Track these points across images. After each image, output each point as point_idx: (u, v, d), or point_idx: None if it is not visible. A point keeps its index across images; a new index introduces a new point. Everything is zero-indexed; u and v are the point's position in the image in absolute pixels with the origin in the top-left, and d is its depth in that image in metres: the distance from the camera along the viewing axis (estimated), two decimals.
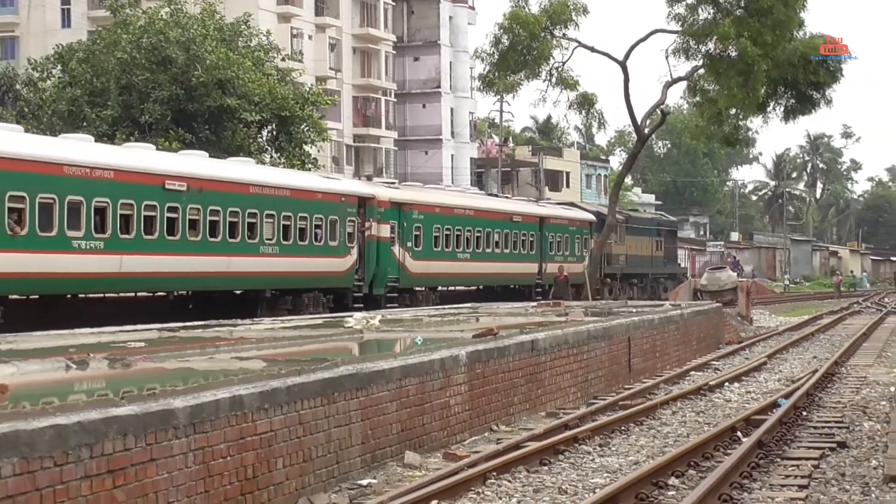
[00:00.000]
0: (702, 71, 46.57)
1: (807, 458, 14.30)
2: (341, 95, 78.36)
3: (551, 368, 19.41)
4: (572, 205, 61.50)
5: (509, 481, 12.90)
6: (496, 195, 62.70)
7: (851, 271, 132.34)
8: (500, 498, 12.15)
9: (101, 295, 30.12)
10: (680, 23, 45.27)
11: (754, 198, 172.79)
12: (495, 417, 17.02)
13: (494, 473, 12.97)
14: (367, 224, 38.29)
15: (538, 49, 44.67)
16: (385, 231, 39.17)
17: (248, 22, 51.80)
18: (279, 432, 11.53)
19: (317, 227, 35.76)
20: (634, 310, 30.98)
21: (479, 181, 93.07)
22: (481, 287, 46.97)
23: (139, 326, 22.00)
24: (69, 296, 28.77)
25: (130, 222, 28.84)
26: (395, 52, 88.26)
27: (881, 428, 16.78)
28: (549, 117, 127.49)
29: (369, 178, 52.99)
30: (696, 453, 14.24)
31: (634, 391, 21.68)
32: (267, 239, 33.57)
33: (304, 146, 51.03)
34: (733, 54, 44.14)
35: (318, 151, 57.87)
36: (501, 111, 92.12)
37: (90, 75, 47.18)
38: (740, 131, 49.76)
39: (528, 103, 74.06)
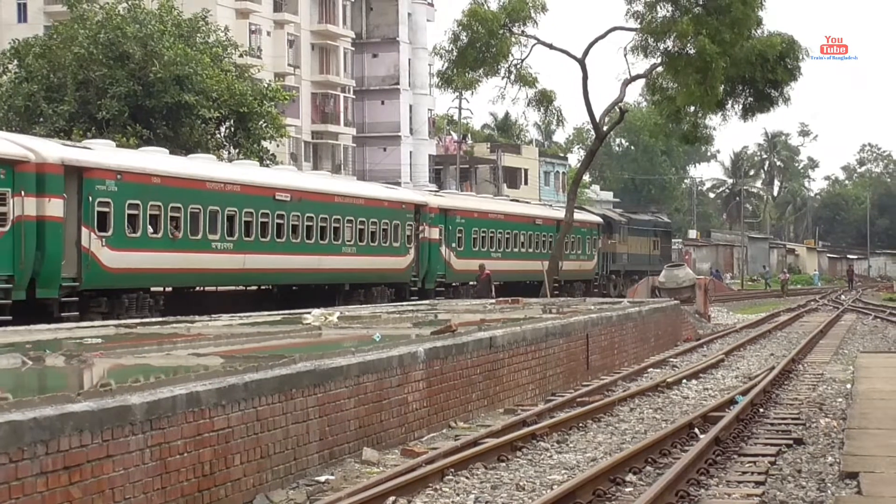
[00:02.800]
0: (660, 69, 46.73)
1: (763, 455, 14.38)
2: (300, 92, 78.12)
3: (509, 365, 19.44)
4: (581, 208, 65.88)
5: (467, 478, 12.91)
6: (519, 200, 66.72)
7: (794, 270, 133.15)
8: (458, 494, 12.16)
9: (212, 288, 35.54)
10: (639, 20, 45.41)
11: (712, 195, 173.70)
12: (453, 414, 17.03)
13: (452, 470, 12.98)
14: (421, 228, 44.68)
15: (497, 46, 44.72)
16: (435, 234, 45.80)
17: (206, 18, 51.57)
18: (236, 429, 11.51)
19: (384, 230, 42.08)
20: (593, 307, 31.07)
21: (437, 178, 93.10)
22: (505, 283, 50.67)
23: (95, 323, 21.92)
24: (200, 288, 34.77)
25: (251, 227, 34.79)
26: (353, 48, 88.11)
27: (837, 424, 16.89)
28: (508, 114, 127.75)
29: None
30: (653, 450, 14.29)
31: (592, 388, 21.74)
32: (347, 241, 39.77)
33: (263, 142, 50.87)
34: (692, 52, 44.32)
35: (277, 147, 57.73)
36: (460, 108, 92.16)
37: (47, 71, 46.82)
38: (698, 129, 49.96)
39: (487, 100, 74.89)
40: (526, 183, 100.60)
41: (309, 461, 12.89)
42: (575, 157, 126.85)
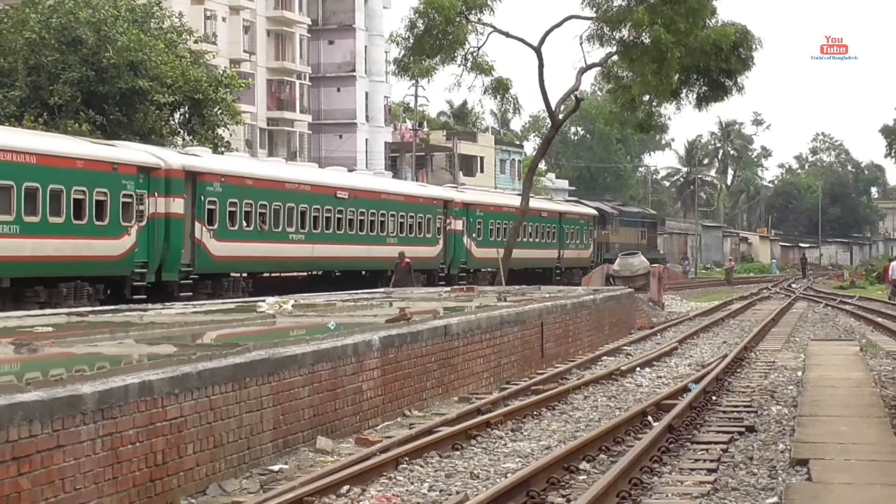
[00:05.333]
0: (616, 57, 46.73)
1: (716, 443, 14.47)
2: (255, 78, 77.74)
3: (464, 353, 19.45)
4: (578, 202, 75.24)
5: (421, 466, 12.90)
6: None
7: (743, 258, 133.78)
8: (412, 483, 12.15)
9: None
10: (594, 9, 45.36)
11: (667, 184, 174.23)
12: (408, 402, 17.02)
13: (407, 458, 12.97)
14: (448, 221, 51.17)
15: (453, 34, 44.55)
16: (459, 226, 52.23)
17: (161, 3, 51.18)
18: (189, 418, 11.45)
19: (419, 223, 48.68)
20: (547, 295, 31.13)
21: (393, 166, 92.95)
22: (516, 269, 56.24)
23: (47, 311, 21.73)
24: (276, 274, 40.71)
25: (318, 221, 40.96)
26: (309, 35, 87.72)
27: (788, 412, 17.02)
28: (465, 102, 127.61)
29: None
30: (607, 438, 14.34)
31: (547, 376, 21.80)
32: (391, 233, 46.15)
33: (218, 129, 50.56)
34: (647, 41, 44.31)
35: (232, 135, 57.41)
36: (416, 95, 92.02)
37: None
38: (653, 118, 50.00)
39: (444, 88, 75.02)
40: (482, 171, 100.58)
41: (263, 450, 12.85)
42: (531, 146, 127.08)
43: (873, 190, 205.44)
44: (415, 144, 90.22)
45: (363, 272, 44.64)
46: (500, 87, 47.37)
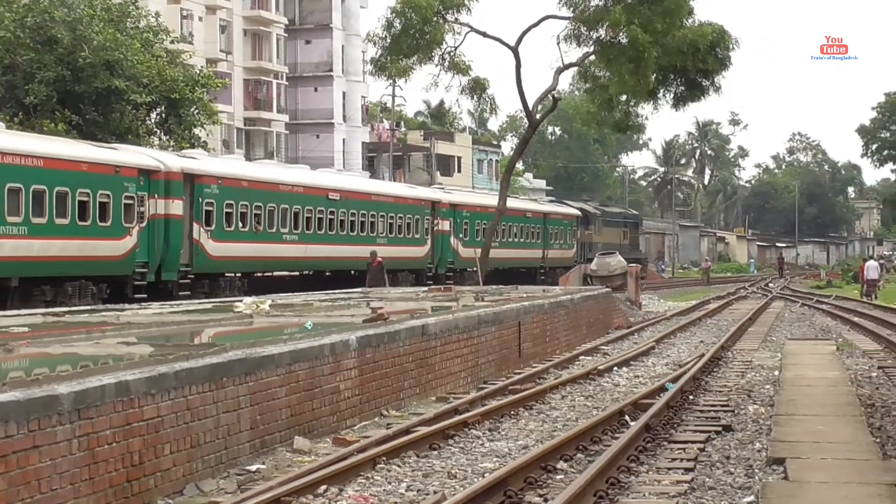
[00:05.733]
0: (593, 57, 46.81)
1: (693, 442, 14.51)
2: (232, 78, 77.60)
3: (442, 353, 19.46)
4: (562, 202, 76.62)
5: (399, 466, 12.91)
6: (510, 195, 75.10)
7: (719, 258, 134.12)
8: (390, 483, 12.16)
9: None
10: (571, 9, 45.42)
11: (644, 184, 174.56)
12: (385, 402, 17.02)
13: (384, 458, 12.97)
14: (436, 221, 52.25)
15: (431, 33, 44.56)
16: (446, 226, 53.43)
17: (137, 3, 51.03)
18: (166, 418, 11.43)
19: (408, 224, 49.86)
20: (525, 294, 31.16)
21: (370, 165, 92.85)
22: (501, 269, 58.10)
23: (22, 311, 21.65)
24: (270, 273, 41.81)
25: (311, 222, 42.19)
26: (286, 34, 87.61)
27: (765, 411, 17.08)
28: (442, 102, 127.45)
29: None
30: (584, 437, 14.37)
31: (524, 376, 21.82)
32: (381, 233, 47.33)
33: (194, 129, 50.44)
34: (624, 41, 44.40)
35: (209, 135, 57.28)
36: (394, 95, 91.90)
37: None
38: (631, 118, 50.11)
39: (421, 88, 74.89)
40: (459, 171, 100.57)
41: (240, 450, 12.84)
42: (508, 145, 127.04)
43: (850, 190, 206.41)
44: (392, 144, 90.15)
45: (352, 272, 44.75)
46: (477, 87, 47.39)
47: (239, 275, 38.72)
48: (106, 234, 32.28)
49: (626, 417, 16.14)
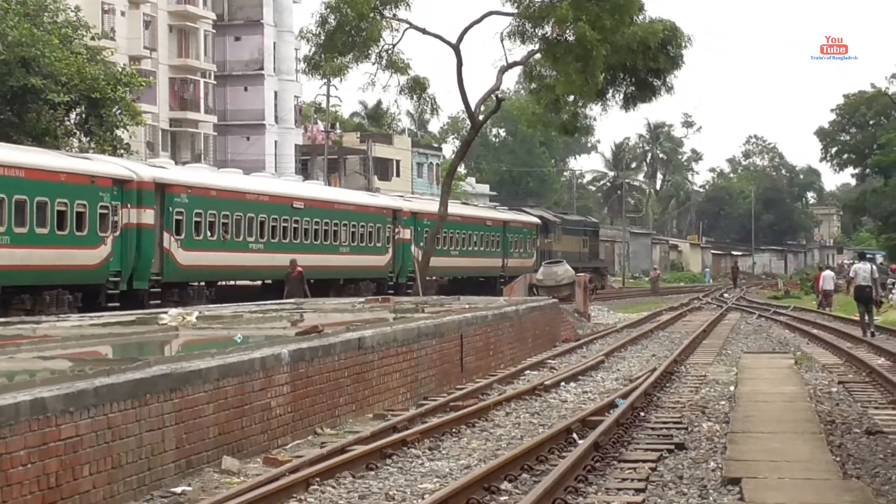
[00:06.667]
0: (538, 56, 46.89)
1: (644, 461, 14.55)
2: (157, 77, 77.19)
3: (379, 368, 19.43)
4: (521, 210, 79.15)
5: (334, 487, 12.89)
6: (468, 203, 78.65)
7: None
8: None
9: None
10: (516, 5, 45.46)
11: (593, 188, 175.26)
12: (320, 420, 16.98)
13: (318, 479, 12.94)
14: (397, 230, 54.25)
15: (367, 30, 44.47)
16: (407, 234, 55.25)
17: None
18: (86, 437, 11.34)
19: (370, 233, 52.00)
20: (467, 305, 31.18)
21: (304, 169, 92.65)
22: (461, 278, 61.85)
23: None
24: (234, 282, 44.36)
25: (276, 230, 44.52)
26: (214, 31, 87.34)
27: (720, 429, 17.18)
28: (379, 103, 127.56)
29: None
30: (529, 456, 14.39)
31: (467, 391, 21.83)
32: (343, 242, 49.64)
33: (116, 130, 50.14)
34: (571, 39, 44.48)
35: (132, 137, 56.96)
36: (328, 95, 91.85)
37: None
38: (578, 119, 50.25)
39: (357, 87, 74.92)
40: (398, 175, 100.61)
41: (165, 471, 12.76)
42: (450, 148, 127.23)
43: (809, 195, 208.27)
44: (327, 147, 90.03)
45: (310, 280, 44.02)
46: (416, 87, 47.35)
47: (202, 284, 40.49)
48: (82, 244, 34.21)
49: (574, 435, 16.17)
